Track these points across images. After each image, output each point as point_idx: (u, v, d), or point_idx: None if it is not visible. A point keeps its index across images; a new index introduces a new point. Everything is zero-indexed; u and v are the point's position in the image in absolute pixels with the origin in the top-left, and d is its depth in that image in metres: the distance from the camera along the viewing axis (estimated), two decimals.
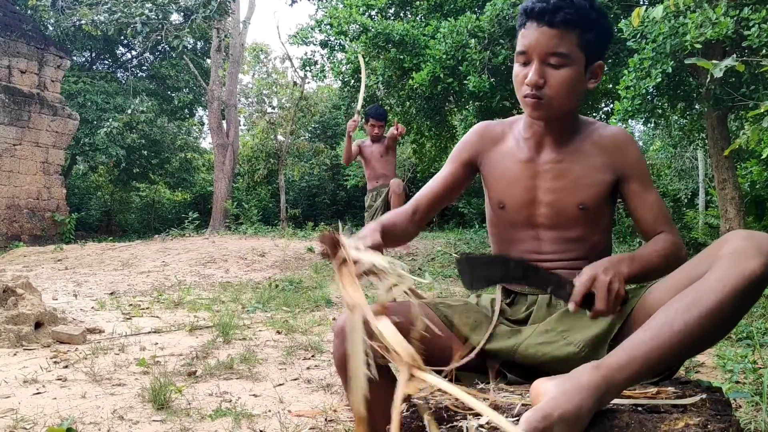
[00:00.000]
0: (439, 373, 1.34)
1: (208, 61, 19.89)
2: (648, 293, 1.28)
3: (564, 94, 1.40)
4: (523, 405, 1.08)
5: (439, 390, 1.11)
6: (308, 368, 3.25)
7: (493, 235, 1.63)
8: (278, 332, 4.18)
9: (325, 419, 2.40)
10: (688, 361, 3.00)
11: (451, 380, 1.32)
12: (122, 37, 18.66)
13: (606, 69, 7.36)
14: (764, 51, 4.77)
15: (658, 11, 3.55)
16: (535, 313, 1.46)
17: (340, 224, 1.36)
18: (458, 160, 1.64)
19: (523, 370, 1.35)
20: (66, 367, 3.14)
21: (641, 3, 7.72)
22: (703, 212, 11.99)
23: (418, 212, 1.66)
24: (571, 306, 1.26)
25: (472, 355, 1.34)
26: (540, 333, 1.35)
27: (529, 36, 1.39)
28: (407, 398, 1.18)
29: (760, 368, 2.73)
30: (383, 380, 1.35)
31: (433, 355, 1.34)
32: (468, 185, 1.70)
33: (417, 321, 1.20)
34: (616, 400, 1.06)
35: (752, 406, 2.36)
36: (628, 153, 1.48)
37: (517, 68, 1.44)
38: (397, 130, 6.66)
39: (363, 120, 6.43)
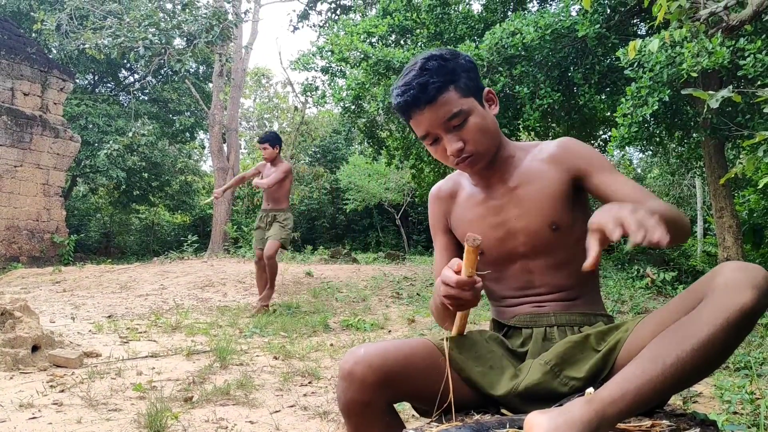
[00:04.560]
0: (444, 409, 1.34)
1: (210, 85, 20.06)
2: (641, 324, 1.28)
3: (483, 139, 1.44)
4: None
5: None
6: (305, 395, 3.24)
7: (482, 277, 1.62)
8: (275, 357, 4.17)
9: None
10: (686, 391, 3.00)
11: (449, 413, 1.33)
12: (125, 61, 18.84)
13: (604, 97, 7.46)
14: (760, 81, 4.83)
15: (654, 44, 3.60)
16: (531, 348, 1.46)
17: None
18: (440, 231, 1.67)
19: (520, 404, 1.35)
20: (62, 391, 3.13)
21: (637, 32, 7.83)
22: (702, 240, 12.01)
23: None
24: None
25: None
26: (536, 370, 1.35)
27: (421, 122, 1.42)
28: None
29: (758, 399, 2.73)
30: (389, 418, 1.35)
31: (433, 389, 1.34)
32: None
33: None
34: None
35: None
36: (577, 151, 1.48)
37: (432, 149, 1.47)
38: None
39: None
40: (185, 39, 11.43)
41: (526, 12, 8.77)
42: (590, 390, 1.06)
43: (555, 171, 1.47)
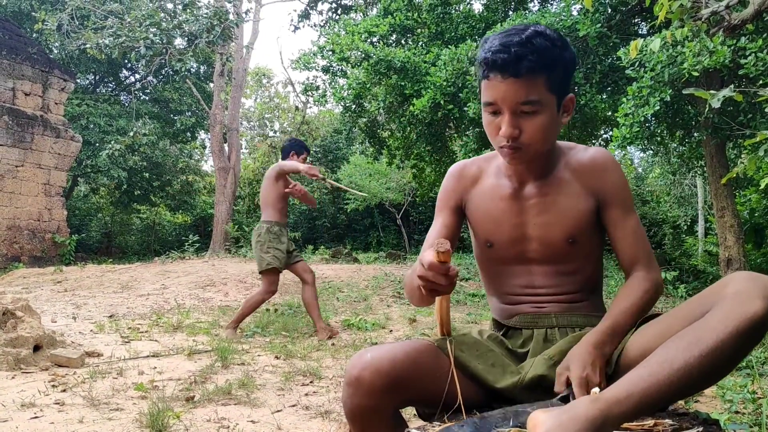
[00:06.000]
0: (446, 410, 1.34)
1: (211, 85, 20.06)
2: (645, 326, 1.28)
3: (541, 139, 1.37)
4: None
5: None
6: (307, 394, 3.24)
7: (483, 271, 1.62)
8: (277, 357, 4.17)
9: None
10: None
11: (453, 414, 1.33)
12: (126, 61, 18.84)
13: (605, 96, 7.45)
14: (761, 80, 4.82)
15: (655, 43, 3.60)
16: (532, 348, 1.47)
17: None
18: (447, 207, 1.59)
19: (524, 396, 1.35)
20: (64, 390, 3.13)
21: (639, 31, 7.82)
22: (703, 239, 12.01)
23: None
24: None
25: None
26: (540, 364, 1.35)
27: (495, 88, 1.33)
28: None
29: (760, 398, 2.72)
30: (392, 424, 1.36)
31: (438, 388, 1.34)
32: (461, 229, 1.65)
33: None
34: None
35: None
36: (607, 176, 1.45)
37: (487, 117, 1.39)
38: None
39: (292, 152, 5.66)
40: (186, 39, 11.42)
41: (527, 11, 8.76)
42: (596, 390, 1.06)
43: (581, 187, 1.46)
